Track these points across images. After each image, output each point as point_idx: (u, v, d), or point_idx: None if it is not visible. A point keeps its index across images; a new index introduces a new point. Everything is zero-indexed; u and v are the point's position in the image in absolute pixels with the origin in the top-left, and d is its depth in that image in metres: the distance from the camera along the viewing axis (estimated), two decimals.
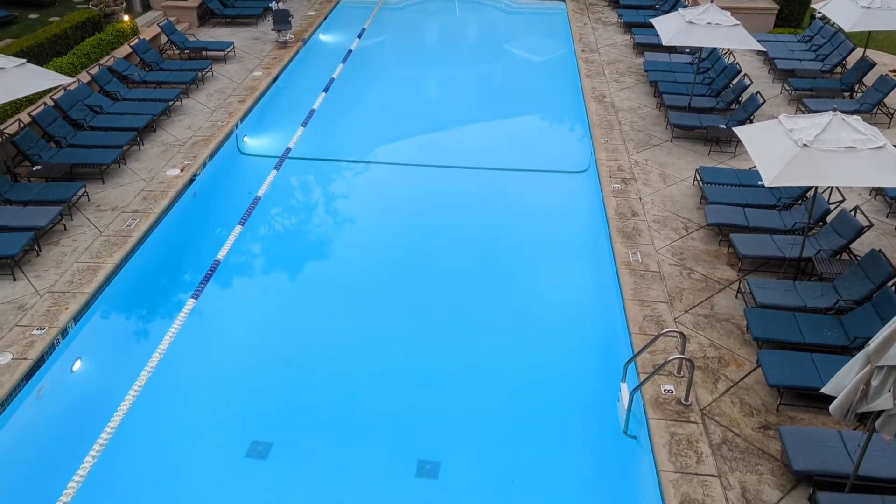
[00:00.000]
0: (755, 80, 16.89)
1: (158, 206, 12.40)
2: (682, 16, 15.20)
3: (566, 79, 19.15)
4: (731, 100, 15.70)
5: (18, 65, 11.87)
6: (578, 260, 11.93)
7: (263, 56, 19.58)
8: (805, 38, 19.37)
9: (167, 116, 15.86)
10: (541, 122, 17.93)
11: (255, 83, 17.83)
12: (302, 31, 21.30)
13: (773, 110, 15.69)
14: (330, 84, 18.48)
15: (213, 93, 17.29)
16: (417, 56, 22.44)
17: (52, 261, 10.89)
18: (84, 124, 14.47)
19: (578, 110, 17.14)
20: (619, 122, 15.86)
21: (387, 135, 16.69)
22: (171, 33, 19.25)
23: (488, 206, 13.50)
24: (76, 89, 14.98)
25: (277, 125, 16.52)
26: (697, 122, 14.90)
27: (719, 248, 11.45)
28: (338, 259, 12.28)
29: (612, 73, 18.58)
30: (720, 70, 16.91)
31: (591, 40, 20.94)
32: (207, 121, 15.81)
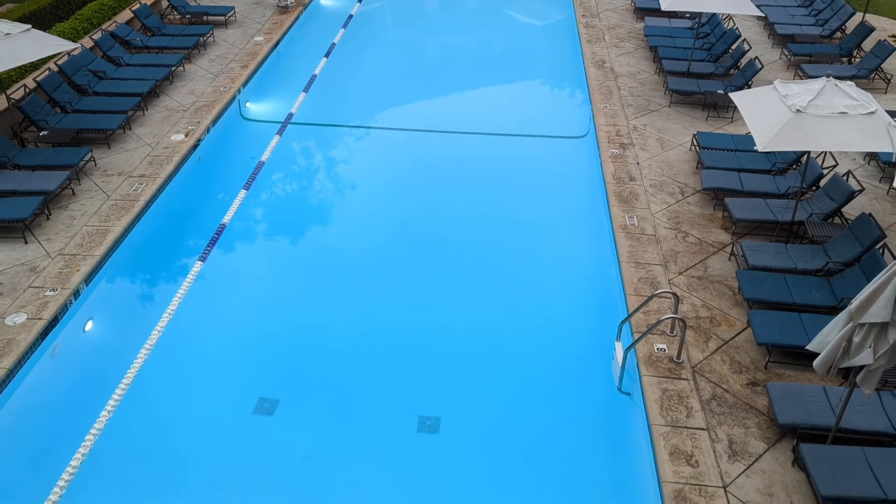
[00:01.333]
0: (755, 46, 16.95)
1: (164, 171, 12.62)
2: None
3: (566, 44, 19.19)
4: (730, 65, 15.80)
5: (24, 30, 12.01)
6: (576, 223, 12.17)
7: (264, 21, 19.59)
8: (805, 2, 19.36)
9: (170, 82, 15.97)
10: (541, 88, 18.03)
11: (256, 48, 17.89)
12: None
13: (771, 76, 15.79)
14: (331, 49, 18.54)
15: (215, 58, 17.37)
16: (418, 21, 22.41)
17: (62, 224, 11.15)
18: (88, 90, 14.61)
19: (578, 76, 17.24)
20: (618, 88, 15.98)
21: (387, 100, 16.80)
22: None
23: (488, 171, 13.71)
24: (80, 55, 15.09)
25: (279, 90, 16.64)
26: (696, 88, 15.03)
27: (714, 212, 11.70)
28: (340, 223, 12.53)
29: (613, 39, 18.62)
30: (720, 35, 16.97)
31: (592, 5, 20.92)
32: (210, 86, 15.93)
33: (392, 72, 18.25)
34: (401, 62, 18.94)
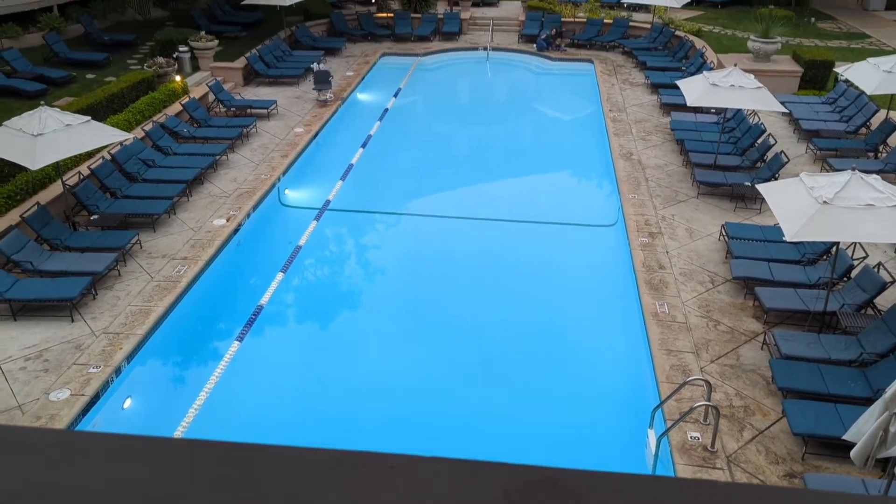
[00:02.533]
0: (780, 140, 17.33)
1: (205, 254, 13.08)
2: (707, 78, 15.80)
3: (594, 137, 19.79)
4: (756, 158, 16.16)
5: (83, 122, 12.81)
6: (607, 310, 12.29)
7: (304, 114, 20.54)
8: (829, 99, 19.85)
9: (214, 170, 16.72)
10: (570, 178, 18.54)
11: (296, 139, 18.72)
12: (341, 91, 22.31)
13: (797, 169, 16.06)
14: (367, 140, 19.31)
15: (257, 148, 18.19)
16: (450, 114, 23.34)
17: (107, 304, 11.56)
18: (138, 177, 15.36)
19: (606, 167, 17.70)
20: (646, 179, 16.37)
21: (421, 188, 17.40)
22: (219, 92, 20.34)
23: (518, 258, 14.00)
24: (131, 144, 15.93)
25: (317, 178, 17.30)
26: (723, 180, 15.35)
27: (745, 301, 11.76)
28: (372, 307, 12.78)
29: (640, 132, 19.18)
30: (745, 130, 17.42)
31: (619, 100, 21.63)
32: (252, 174, 16.64)
33: (425, 161, 18.93)
34: (433, 152, 19.65)
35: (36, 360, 10.22)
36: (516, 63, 26.62)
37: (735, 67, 15.95)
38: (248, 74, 23.02)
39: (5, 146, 12.22)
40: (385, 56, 26.29)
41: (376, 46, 27.17)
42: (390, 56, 26.39)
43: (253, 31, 26.87)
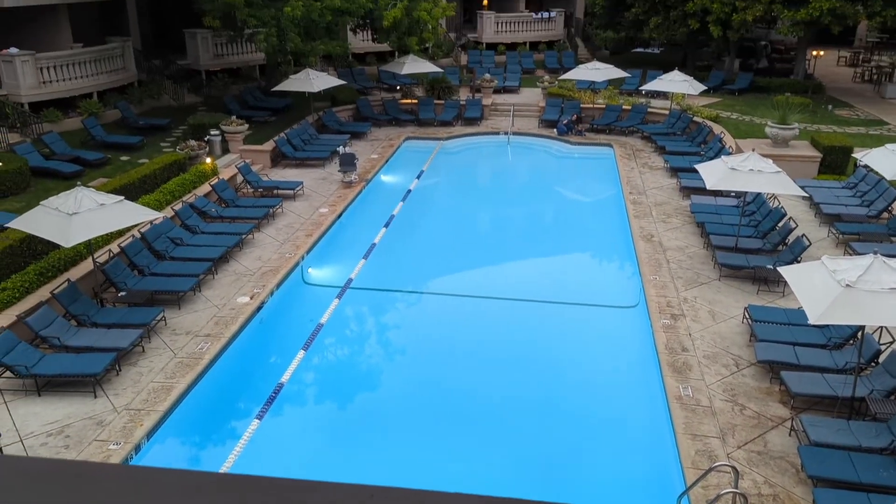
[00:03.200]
0: (801, 224, 17.37)
1: (228, 331, 13.21)
2: (726, 163, 16.03)
3: (615, 218, 19.97)
4: (778, 241, 16.18)
5: (117, 201, 13.23)
6: (630, 393, 12.13)
7: (329, 194, 21.03)
8: (850, 184, 19.97)
9: (240, 248, 17.04)
10: (591, 259, 18.64)
11: (321, 219, 19.10)
12: (365, 172, 22.86)
13: (820, 253, 15.99)
14: (390, 220, 19.64)
15: (283, 227, 18.57)
16: (472, 195, 23.76)
17: (130, 380, 11.64)
18: (166, 255, 15.70)
19: (627, 248, 17.79)
20: (667, 261, 16.41)
21: (442, 267, 17.58)
22: (247, 174, 20.94)
23: (539, 338, 13.95)
24: (161, 223, 16.35)
25: (340, 257, 17.55)
26: (745, 262, 15.35)
27: (771, 385, 11.56)
28: (394, 386, 12.74)
29: (660, 214, 19.34)
30: (765, 213, 17.52)
31: (639, 183, 21.92)
32: (276, 253, 16.93)
33: (447, 241, 19.18)
34: (455, 232, 19.92)
35: (57, 435, 10.25)
36: (537, 147, 27.20)
37: (753, 152, 16.20)
38: (275, 157, 23.73)
39: (41, 225, 12.63)
40: (409, 140, 27.02)
41: (400, 131, 27.96)
42: (414, 140, 27.11)
43: (282, 116, 27.85)
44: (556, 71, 35.96)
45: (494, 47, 39.31)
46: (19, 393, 11.30)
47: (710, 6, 30.82)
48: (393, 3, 26.15)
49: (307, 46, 24.80)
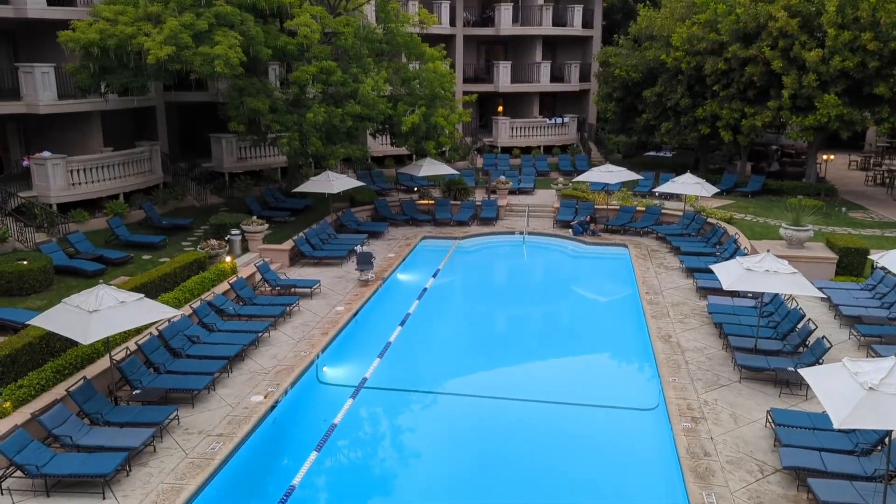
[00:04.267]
0: (821, 325, 17.18)
1: (241, 431, 13.05)
2: (741, 263, 16.06)
3: (632, 319, 19.87)
4: (798, 343, 15.97)
5: (136, 299, 13.43)
6: (651, 499, 11.71)
7: (346, 293, 21.17)
8: (868, 286, 19.85)
9: (256, 346, 17.06)
10: (608, 360, 18.44)
11: (337, 317, 19.17)
12: (382, 271, 23.08)
13: (842, 355, 15.71)
14: (406, 319, 19.66)
15: (299, 325, 18.62)
16: (488, 294, 23.82)
17: (139, 480, 11.43)
18: (182, 353, 15.74)
19: (645, 349, 17.60)
20: (685, 362, 16.19)
21: (457, 367, 17.44)
22: (266, 272, 21.22)
23: (558, 440, 13.63)
24: (179, 321, 16.47)
25: (355, 356, 17.48)
26: (765, 364, 15.11)
27: (798, 493, 11.15)
28: (407, 489, 12.40)
29: (677, 315, 19.23)
30: (784, 314, 17.38)
31: (655, 283, 21.92)
32: (291, 351, 16.92)
33: (462, 340, 19.11)
34: (471, 331, 19.88)
35: None
36: (552, 247, 27.45)
37: (768, 253, 16.26)
38: (294, 255, 24.09)
39: (61, 322, 12.79)
40: (425, 239, 27.41)
41: (417, 230, 28.41)
42: (430, 239, 27.49)
43: (301, 216, 28.47)
44: (570, 173, 36.73)
45: (509, 151, 40.39)
46: (28, 493, 11.12)
47: (719, 112, 31.70)
48: (411, 110, 27.14)
49: (328, 150, 25.61)
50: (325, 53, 25.85)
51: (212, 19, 22.91)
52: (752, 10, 30.11)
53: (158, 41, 21.77)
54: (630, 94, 36.56)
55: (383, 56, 29.11)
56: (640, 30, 36.49)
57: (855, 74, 28.58)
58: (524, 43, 43.53)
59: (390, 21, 29.01)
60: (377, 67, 26.91)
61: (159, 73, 23.53)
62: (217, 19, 23.09)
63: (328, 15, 26.34)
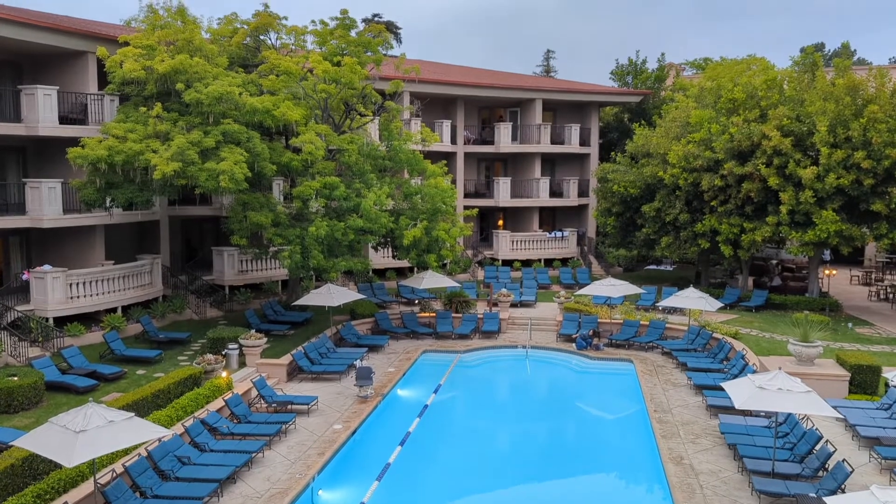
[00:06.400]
0: (839, 447, 16.49)
1: None
2: (753, 381, 15.60)
3: (641, 438, 19.12)
4: (818, 466, 15.23)
5: (126, 418, 12.88)
6: None
7: (345, 410, 20.50)
8: (884, 405, 19.21)
9: (248, 468, 16.29)
10: (617, 482, 17.55)
11: (334, 436, 18.45)
12: (382, 387, 22.47)
13: (864, 479, 15.05)
14: (406, 438, 18.91)
15: (294, 444, 17.88)
16: (491, 411, 23.07)
17: None
18: (171, 475, 14.98)
19: (656, 471, 16.81)
20: (700, 486, 15.40)
21: (460, 489, 16.61)
22: (262, 388, 20.63)
23: None
24: (169, 440, 15.80)
25: (353, 478, 16.66)
26: (785, 490, 14.34)
27: None
28: None
29: (688, 434, 18.51)
30: (800, 435, 16.70)
31: (663, 400, 21.26)
32: (286, 473, 16.14)
33: (464, 460, 18.30)
34: (473, 450, 19.06)
35: None
36: (556, 361, 26.91)
37: (780, 371, 15.81)
38: (292, 370, 23.54)
39: (46, 443, 12.21)
40: (426, 353, 26.91)
41: (418, 344, 27.96)
42: (431, 353, 27.00)
43: (301, 329, 28.10)
44: (572, 286, 36.64)
45: (510, 263, 40.51)
46: None
47: (718, 227, 31.95)
48: (413, 224, 27.35)
49: (329, 263, 25.60)
50: (328, 169, 26.33)
51: (219, 137, 23.45)
52: (746, 129, 30.92)
53: (165, 157, 22.18)
54: (629, 209, 37.03)
55: (386, 172, 29.66)
56: (636, 147, 37.42)
57: (851, 191, 28.98)
58: (523, 160, 44.62)
59: (393, 139, 29.76)
60: (380, 182, 27.35)
61: (164, 188, 23.84)
62: (224, 137, 23.64)
63: (333, 133, 27.03)
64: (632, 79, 50.80)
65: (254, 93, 25.66)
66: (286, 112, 24.64)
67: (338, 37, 28.94)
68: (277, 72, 26.47)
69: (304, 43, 30.13)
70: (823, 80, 31.58)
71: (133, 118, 24.37)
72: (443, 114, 42.73)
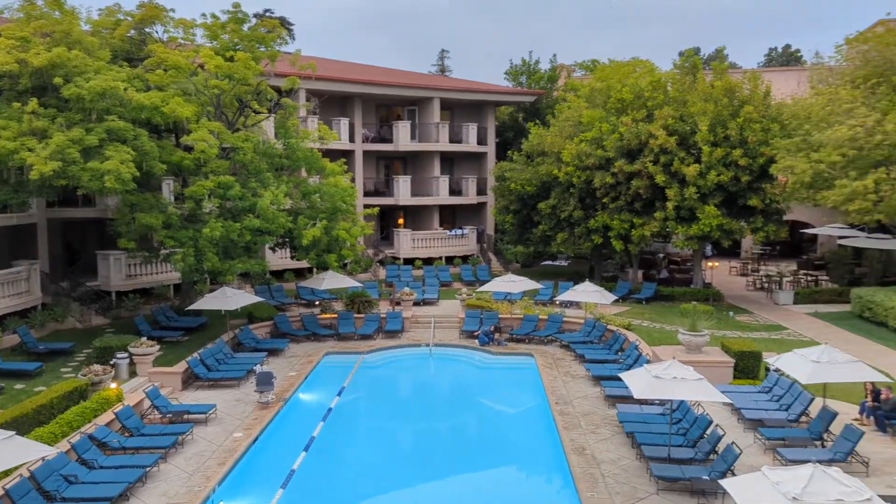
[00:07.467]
0: (727, 430, 17.40)
1: None
2: (649, 371, 16.22)
3: (544, 430, 19.51)
4: (709, 450, 16.03)
5: (6, 437, 11.94)
6: None
7: (245, 417, 19.85)
8: (765, 388, 20.47)
9: (143, 483, 15.48)
10: (522, 474, 17.86)
11: (234, 445, 17.83)
12: (283, 392, 21.91)
13: (751, 460, 15.96)
14: (310, 443, 18.51)
15: (192, 456, 17.16)
16: (396, 410, 22.96)
17: None
18: (56, 496, 14.01)
19: (560, 463, 17.19)
20: (602, 475, 15.87)
21: (366, 492, 16.43)
22: (156, 398, 19.66)
23: None
24: (54, 459, 14.76)
25: (256, 488, 16.13)
26: (681, 474, 14.99)
27: None
28: None
29: (589, 425, 19.05)
30: (692, 421, 17.52)
31: (564, 393, 21.80)
32: (184, 486, 15.45)
33: (370, 462, 18.13)
34: (379, 451, 18.91)
35: None
36: (459, 358, 27.09)
37: (674, 360, 16.53)
38: (187, 378, 22.59)
39: None
40: (328, 355, 26.47)
41: (320, 346, 27.47)
42: (334, 355, 26.59)
43: (196, 335, 27.01)
44: (473, 283, 37.06)
45: (412, 262, 40.51)
46: None
47: (610, 223, 33.16)
48: (312, 223, 26.84)
49: (225, 265, 24.75)
50: (222, 168, 25.44)
51: (102, 134, 22.17)
52: (634, 129, 32.24)
53: (43, 156, 20.74)
54: (526, 207, 37.82)
55: (283, 170, 28.97)
56: (531, 146, 38.26)
57: (730, 187, 30.77)
58: (422, 158, 44.73)
59: (290, 137, 29.10)
60: (277, 182, 26.66)
61: (43, 189, 22.33)
62: (109, 134, 22.36)
63: (226, 130, 26.12)
64: (525, 79, 51.96)
65: (140, 88, 24.41)
66: (176, 109, 23.58)
67: (230, 31, 28.01)
68: (165, 66, 25.31)
69: (193, 37, 28.94)
70: (703, 83, 33.41)
71: (6, 114, 22.63)
72: (340, 112, 42.23)
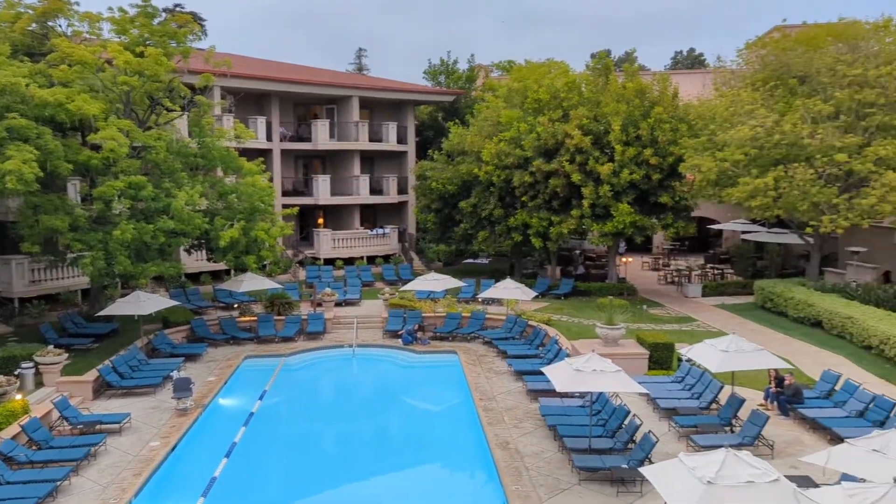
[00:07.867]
0: (644, 419, 18.03)
1: None
2: (570, 364, 16.66)
3: (468, 427, 19.72)
4: (627, 439, 16.59)
5: None
6: None
7: (162, 425, 19.23)
8: (678, 378, 21.33)
9: (54, 498, 14.80)
10: (448, 471, 18.00)
11: (151, 454, 17.26)
12: (202, 397, 21.33)
13: (666, 448, 16.60)
14: (231, 449, 18.11)
15: (106, 467, 16.52)
16: (319, 413, 22.74)
17: None
18: None
19: (485, 458, 17.42)
20: (526, 468, 16.19)
21: (292, 495, 16.23)
22: (65, 409, 18.80)
23: None
24: None
25: (176, 497, 15.69)
26: (601, 464, 15.46)
27: None
28: None
29: (512, 420, 19.38)
30: (610, 412, 18.09)
31: (487, 389, 22.10)
32: (98, 499, 14.87)
33: (294, 466, 17.92)
34: (303, 455, 18.69)
35: None
36: (383, 358, 27.03)
37: (594, 353, 17.02)
38: (99, 387, 21.70)
39: None
40: (248, 359, 25.94)
41: (239, 350, 26.88)
42: (254, 358, 26.07)
43: (107, 342, 25.95)
44: (395, 283, 37.01)
45: (332, 262, 40.13)
46: None
47: (529, 221, 33.78)
48: (230, 224, 26.21)
49: (137, 268, 23.86)
50: (133, 168, 24.54)
51: (3, 133, 21.00)
52: (551, 128, 32.96)
53: None
54: (447, 206, 38.07)
55: (198, 170, 28.13)
56: (452, 146, 38.54)
57: (642, 185, 31.88)
58: (342, 157, 44.33)
59: (205, 135, 28.30)
60: (192, 181, 25.90)
61: None
62: (9, 133, 21.20)
63: (137, 129, 25.18)
64: (444, 78, 52.25)
65: (43, 84, 23.23)
66: (82, 106, 22.56)
67: (139, 25, 27.00)
68: (70, 61, 24.15)
69: (100, 31, 27.72)
70: (616, 84, 34.47)
71: None
72: (257, 110, 41.39)
